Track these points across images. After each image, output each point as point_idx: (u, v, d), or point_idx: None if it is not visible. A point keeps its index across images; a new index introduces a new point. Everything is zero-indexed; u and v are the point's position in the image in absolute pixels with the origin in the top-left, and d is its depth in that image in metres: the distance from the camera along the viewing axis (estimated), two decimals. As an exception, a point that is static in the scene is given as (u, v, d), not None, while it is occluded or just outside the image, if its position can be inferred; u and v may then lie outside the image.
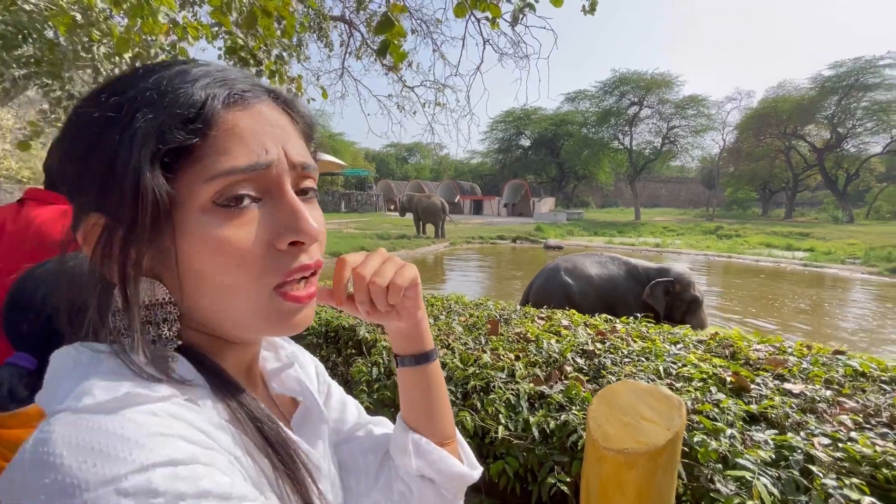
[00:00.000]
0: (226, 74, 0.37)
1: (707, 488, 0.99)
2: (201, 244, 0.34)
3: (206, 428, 0.32)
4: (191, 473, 0.28)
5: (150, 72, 0.35)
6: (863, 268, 13.63)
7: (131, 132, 0.32)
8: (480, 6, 1.95)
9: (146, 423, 0.29)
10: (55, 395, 0.31)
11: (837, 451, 0.99)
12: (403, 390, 0.55)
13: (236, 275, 0.35)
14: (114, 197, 0.33)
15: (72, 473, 0.26)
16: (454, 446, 0.56)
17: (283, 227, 0.37)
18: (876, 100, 27.00)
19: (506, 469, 1.27)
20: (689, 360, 1.46)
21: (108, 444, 0.27)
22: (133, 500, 0.25)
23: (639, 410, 0.58)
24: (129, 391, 0.30)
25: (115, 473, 0.26)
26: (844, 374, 1.36)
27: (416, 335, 0.53)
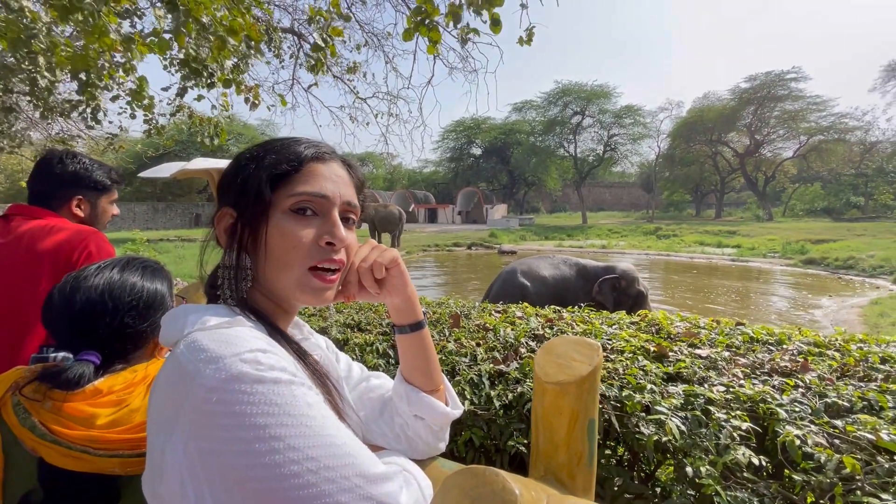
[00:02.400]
0: (319, 143, 0.63)
1: (634, 432, 1.22)
2: (279, 233, 0.57)
3: (273, 343, 0.51)
4: (274, 357, 0.46)
5: (279, 139, 0.63)
6: (781, 260, 15.17)
7: (261, 165, 0.58)
8: (422, 31, 2.16)
9: (245, 332, 0.48)
10: (183, 327, 0.49)
11: (729, 395, 1.26)
12: (401, 351, 0.73)
13: (292, 255, 0.57)
14: (244, 197, 0.58)
15: (215, 350, 0.44)
16: (441, 392, 0.75)
17: (325, 232, 0.59)
18: (786, 109, 30.16)
19: (472, 439, 1.46)
20: (621, 337, 1.72)
21: (231, 339, 0.46)
22: (249, 365, 0.43)
23: (570, 355, 0.79)
24: (232, 318, 0.51)
25: (237, 350, 0.44)
26: (742, 340, 1.67)
27: (409, 308, 0.71)
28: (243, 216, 0.57)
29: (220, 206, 0.60)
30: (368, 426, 0.72)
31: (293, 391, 0.44)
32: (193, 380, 0.42)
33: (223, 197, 0.61)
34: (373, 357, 1.81)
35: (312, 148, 0.61)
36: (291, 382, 0.44)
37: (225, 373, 0.42)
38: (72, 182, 1.35)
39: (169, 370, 0.46)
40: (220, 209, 0.60)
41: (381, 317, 2.25)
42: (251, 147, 0.62)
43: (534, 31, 2.84)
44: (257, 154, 0.60)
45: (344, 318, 2.30)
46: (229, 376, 0.41)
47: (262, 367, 0.43)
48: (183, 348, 0.46)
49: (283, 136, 0.63)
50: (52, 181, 1.33)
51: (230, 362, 0.42)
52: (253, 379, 0.42)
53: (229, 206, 0.59)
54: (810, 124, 29.95)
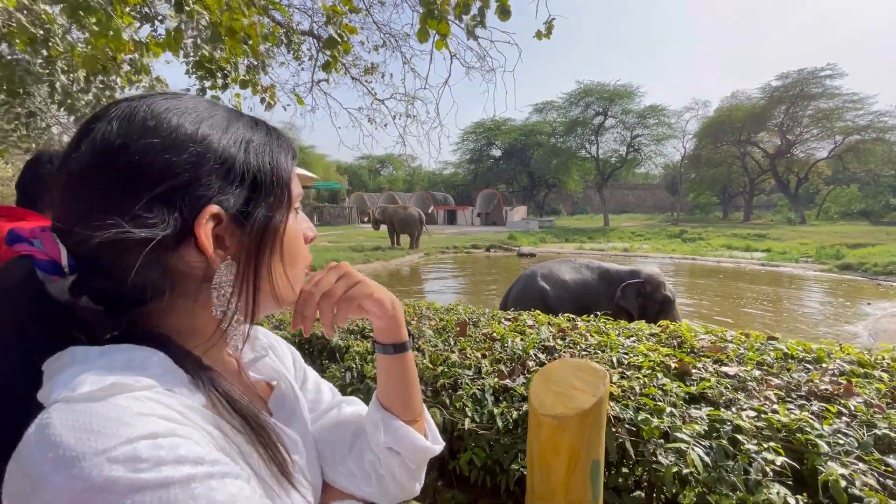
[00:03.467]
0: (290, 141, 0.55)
1: (650, 461, 1.09)
2: (293, 231, 0.52)
3: (182, 410, 0.39)
4: (169, 443, 0.34)
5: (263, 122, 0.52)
6: (815, 265, 14.48)
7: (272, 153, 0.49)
8: (430, 24, 2.06)
9: (130, 406, 0.35)
10: (52, 389, 0.37)
11: (760, 422, 1.12)
12: (380, 373, 0.64)
13: (300, 255, 0.53)
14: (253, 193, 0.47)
15: (71, 447, 0.31)
16: (421, 423, 0.65)
17: (307, 228, 0.56)
18: (820, 108, 28.89)
19: (473, 459, 1.35)
20: (639, 351, 1.58)
21: (99, 424, 0.33)
22: (122, 465, 0.31)
23: (570, 382, 0.68)
24: (114, 381, 0.36)
25: (106, 445, 0.32)
26: (774, 357, 1.51)
27: (392, 328, 0.61)
28: (254, 214, 0.45)
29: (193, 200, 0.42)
30: (335, 465, 0.62)
31: (192, 492, 0.33)
32: (37, 492, 0.30)
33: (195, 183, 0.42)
34: (373, 367, 1.72)
35: (284, 135, 0.53)
36: (192, 479, 0.33)
37: (83, 482, 0.30)
38: None
39: (13, 467, 0.33)
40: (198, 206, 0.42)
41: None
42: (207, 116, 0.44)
43: (553, 24, 2.72)
44: (252, 132, 0.48)
45: (347, 323, 2.23)
46: (90, 486, 0.30)
47: (144, 464, 0.32)
48: (31, 436, 0.33)
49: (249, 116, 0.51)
50: (40, 182, 1.29)
51: (92, 465, 0.30)
52: (128, 486, 0.31)
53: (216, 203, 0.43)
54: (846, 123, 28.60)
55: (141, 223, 0.39)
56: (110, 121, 0.41)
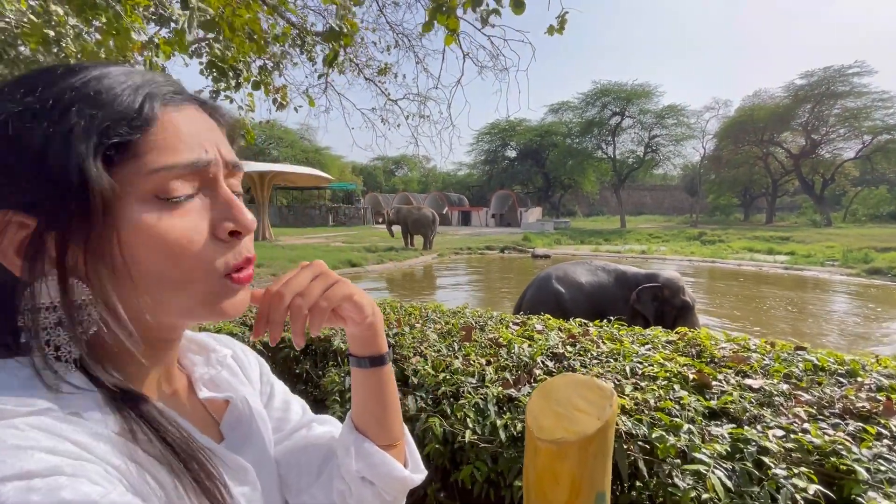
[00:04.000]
0: (154, 77, 0.39)
1: (666, 484, 1.00)
2: (144, 236, 0.35)
3: (81, 440, 0.32)
4: (48, 485, 0.27)
5: (73, 71, 0.36)
6: (841, 269, 13.97)
7: (66, 128, 0.33)
8: (439, 19, 2.00)
9: (3, 437, 0.28)
10: None
11: (789, 443, 1.01)
12: (355, 391, 0.56)
13: (188, 263, 0.37)
14: (45, 193, 0.33)
15: None
16: (401, 448, 0.57)
17: (223, 218, 0.40)
18: (847, 107, 28.00)
19: (475, 475, 1.27)
20: (654, 360, 1.48)
21: None
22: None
23: (573, 401, 0.60)
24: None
25: None
26: (803, 369, 1.40)
27: (370, 338, 0.53)
28: (57, 223, 0.34)
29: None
30: (298, 494, 0.55)
31: None
32: None
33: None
34: (373, 372, 1.66)
35: (153, 87, 0.37)
36: None
37: None
38: None
39: None
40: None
41: (389, 326, 2.10)
42: (8, 85, 0.35)
43: (566, 19, 2.62)
44: (45, 103, 0.34)
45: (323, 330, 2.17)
46: None
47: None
48: None
49: (74, 63, 0.38)
50: None
51: None
52: None
53: (14, 208, 0.34)
54: (875, 122, 27.61)
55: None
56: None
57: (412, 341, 1.86)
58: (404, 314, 2.38)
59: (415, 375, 1.58)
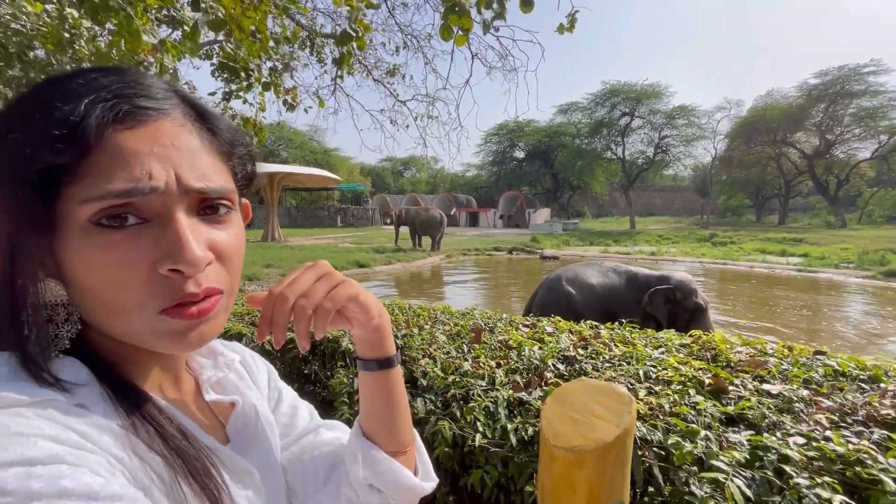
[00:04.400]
0: (122, 88, 0.36)
1: (683, 491, 0.97)
2: (84, 262, 0.35)
3: (84, 430, 0.32)
4: (49, 473, 0.27)
5: (46, 85, 0.36)
6: (857, 272, 13.70)
7: (6, 149, 0.33)
8: (452, 19, 1.98)
9: (7, 424, 0.29)
10: None
11: (811, 451, 0.98)
12: (363, 395, 0.55)
13: (121, 295, 0.36)
14: (3, 204, 0.34)
15: None
16: (411, 454, 0.56)
17: (165, 254, 0.36)
18: (862, 106, 27.48)
19: (485, 479, 1.25)
20: (669, 364, 1.45)
21: None
22: None
23: (590, 408, 0.58)
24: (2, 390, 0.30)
25: None
26: (823, 374, 1.36)
27: (377, 340, 0.52)
28: (15, 228, 0.34)
29: None
30: (305, 501, 0.54)
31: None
32: None
33: None
34: (382, 373, 1.65)
35: (105, 100, 0.34)
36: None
37: None
38: None
39: None
40: None
41: (397, 327, 2.09)
42: (7, 104, 0.36)
43: (576, 17, 2.60)
44: (5, 123, 0.34)
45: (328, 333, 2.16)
46: None
47: (7, 499, 0.26)
48: None
49: (57, 75, 0.36)
50: None
51: None
52: None
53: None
54: (892, 122, 27.04)
55: None
56: None
57: (421, 343, 1.84)
58: (413, 315, 2.37)
59: (424, 377, 1.57)
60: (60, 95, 0.34)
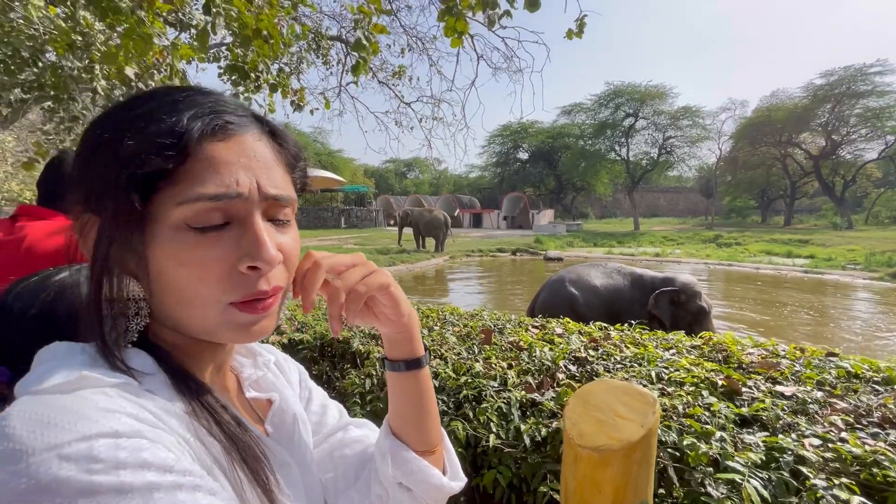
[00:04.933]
0: (215, 105, 0.40)
1: (698, 492, 0.98)
2: (171, 259, 0.38)
3: (157, 412, 0.35)
4: (133, 445, 0.30)
5: (147, 98, 0.40)
6: (864, 273, 13.61)
7: (116, 154, 0.37)
8: (449, 21, 1.99)
9: (95, 400, 0.32)
10: (27, 381, 0.34)
11: (828, 452, 0.98)
12: (392, 395, 0.56)
13: (201, 289, 0.39)
14: (101, 205, 0.38)
15: (20, 441, 0.28)
16: (439, 454, 0.57)
17: (245, 253, 0.40)
18: (869, 106, 27.28)
19: (499, 479, 1.26)
20: (681, 365, 1.45)
21: (55, 417, 0.29)
22: (74, 465, 0.27)
23: (613, 408, 0.58)
24: (84, 374, 0.34)
25: (59, 441, 0.28)
26: (837, 376, 1.36)
27: (405, 340, 0.54)
28: (110, 229, 0.38)
29: (78, 208, 0.40)
30: (336, 496, 0.55)
31: (155, 503, 0.28)
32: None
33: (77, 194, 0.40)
34: (394, 374, 1.66)
35: (203, 115, 0.39)
36: (153, 488, 0.29)
37: (27, 480, 0.26)
38: None
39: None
40: (77, 212, 0.40)
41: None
42: (108, 110, 0.40)
43: (585, 23, 2.61)
44: (114, 130, 0.38)
45: (368, 327, 2.17)
46: (34, 486, 0.26)
47: (99, 466, 0.28)
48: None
49: (161, 88, 0.41)
50: (62, 182, 1.29)
51: (40, 461, 0.27)
52: (76, 489, 0.27)
53: (85, 209, 0.39)
54: (899, 122, 26.91)
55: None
56: None
57: (431, 343, 1.85)
58: (422, 316, 2.38)
59: (435, 378, 1.57)
60: (165, 108, 0.38)
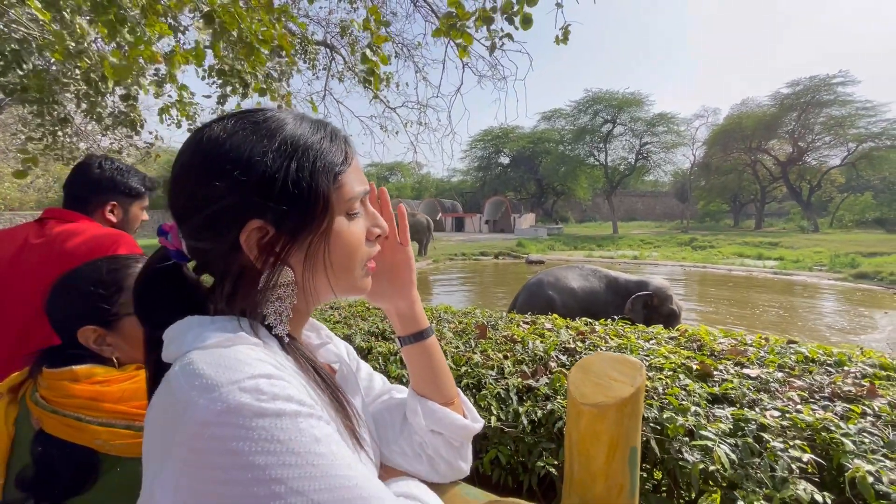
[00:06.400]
0: (336, 127, 0.54)
1: (676, 458, 1.12)
2: (341, 240, 0.51)
3: (284, 364, 0.46)
4: (280, 384, 0.40)
5: (285, 120, 0.50)
6: (829, 274, 14.28)
7: (310, 166, 0.48)
8: (454, 35, 2.12)
9: (249, 353, 0.42)
10: (182, 343, 0.44)
11: (785, 421, 1.14)
12: (409, 364, 0.69)
13: (354, 257, 0.53)
14: (290, 210, 0.47)
15: (211, 377, 0.38)
16: (457, 404, 0.70)
17: (374, 226, 0.57)
18: (832, 115, 28.62)
19: (499, 457, 1.38)
20: (660, 353, 1.61)
21: (229, 362, 0.40)
22: (249, 394, 0.37)
23: (608, 374, 0.71)
24: (237, 335, 0.44)
25: (237, 377, 0.38)
26: (796, 360, 1.53)
27: (413, 315, 0.67)
28: (293, 228, 0.48)
29: (238, 217, 0.47)
30: (388, 444, 0.67)
31: (298, 425, 0.38)
32: (185, 412, 0.37)
33: (241, 205, 0.47)
34: (396, 367, 1.76)
35: (340, 134, 0.54)
36: (298, 414, 0.39)
37: (221, 404, 0.36)
38: (108, 187, 1.38)
39: (162, 396, 0.41)
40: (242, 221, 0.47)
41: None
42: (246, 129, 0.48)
43: (570, 30, 2.78)
44: (293, 144, 0.48)
45: (368, 325, 2.27)
46: (225, 408, 0.36)
47: (264, 396, 0.38)
48: (177, 371, 0.40)
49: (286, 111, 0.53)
50: (88, 186, 1.36)
51: (227, 391, 0.37)
52: (253, 412, 0.37)
53: (262, 218, 0.47)
54: (859, 130, 28.29)
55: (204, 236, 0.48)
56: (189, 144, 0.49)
57: (430, 339, 1.96)
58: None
59: (437, 370, 1.69)
60: (332, 130, 0.53)
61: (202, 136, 0.48)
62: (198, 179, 0.47)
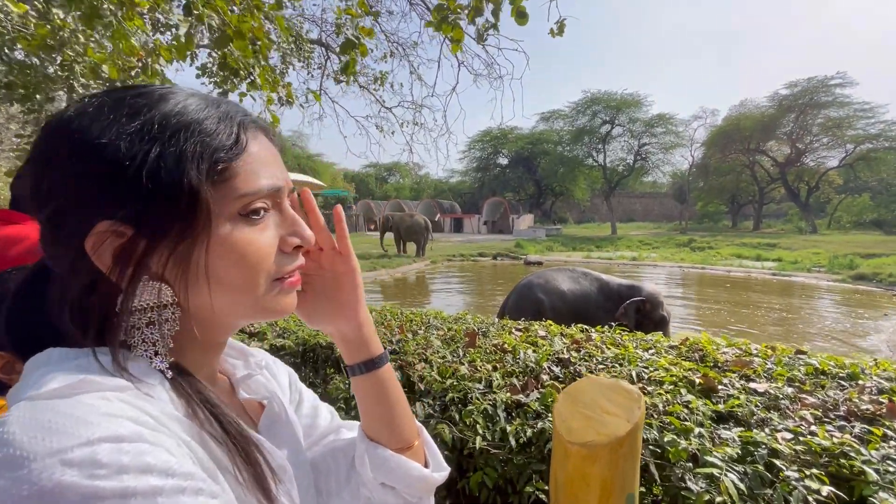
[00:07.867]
0: (235, 106, 0.42)
1: (678, 487, 1.01)
2: (227, 248, 0.39)
3: (157, 415, 0.34)
4: (135, 449, 0.29)
5: (163, 97, 0.39)
6: (828, 275, 14.20)
7: (178, 151, 0.36)
8: (445, 29, 2.02)
9: (96, 405, 0.31)
10: (21, 387, 0.33)
11: (799, 445, 1.03)
12: (359, 399, 0.57)
13: (252, 272, 0.41)
14: (150, 207, 0.36)
15: (21, 447, 0.27)
16: (418, 448, 0.58)
17: (289, 234, 0.44)
18: (830, 117, 28.62)
19: (485, 481, 1.27)
20: (660, 365, 1.50)
21: (57, 422, 0.29)
22: (77, 470, 0.27)
23: (601, 404, 0.60)
24: (83, 379, 0.33)
25: (62, 446, 0.27)
26: (805, 373, 1.42)
27: (362, 340, 0.55)
28: (154, 233, 0.36)
29: (82, 218, 0.36)
30: (329, 498, 0.55)
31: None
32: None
33: (72, 204, 0.36)
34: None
35: (237, 115, 0.41)
36: (157, 492, 0.29)
37: (29, 486, 0.26)
38: None
39: None
40: (79, 224, 0.36)
41: (391, 332, 2.09)
42: (103, 109, 0.36)
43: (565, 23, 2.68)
44: (151, 127, 0.36)
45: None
46: (37, 491, 0.26)
47: (102, 472, 0.27)
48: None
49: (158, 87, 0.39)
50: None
51: (42, 467, 0.26)
52: (80, 495, 0.26)
53: (112, 218, 0.36)
54: (857, 132, 28.28)
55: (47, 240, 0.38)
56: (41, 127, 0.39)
57: (416, 347, 1.85)
58: (405, 320, 2.38)
59: (421, 382, 1.58)
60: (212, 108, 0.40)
61: (53, 118, 0.37)
62: (38, 169, 0.36)
